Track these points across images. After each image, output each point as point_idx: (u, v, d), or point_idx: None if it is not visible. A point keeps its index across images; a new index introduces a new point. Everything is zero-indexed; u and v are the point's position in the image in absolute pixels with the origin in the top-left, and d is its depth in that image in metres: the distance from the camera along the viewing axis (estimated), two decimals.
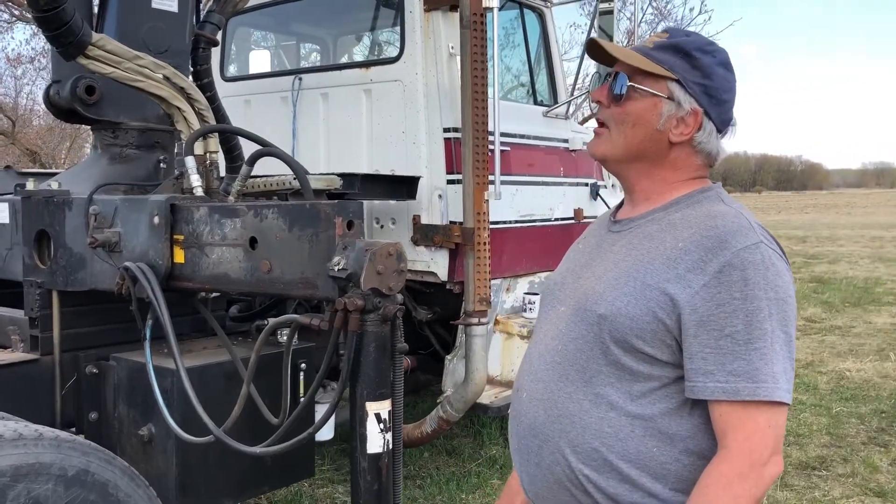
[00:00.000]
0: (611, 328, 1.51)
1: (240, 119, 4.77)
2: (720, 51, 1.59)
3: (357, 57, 5.49)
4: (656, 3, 15.26)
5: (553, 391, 1.60)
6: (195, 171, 2.82)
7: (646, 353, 1.49)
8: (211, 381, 2.71)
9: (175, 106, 2.97)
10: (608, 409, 1.52)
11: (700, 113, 1.55)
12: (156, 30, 3.16)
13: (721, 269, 1.43)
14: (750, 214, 1.54)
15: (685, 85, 1.54)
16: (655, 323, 1.47)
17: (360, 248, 2.12)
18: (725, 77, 1.57)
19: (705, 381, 1.43)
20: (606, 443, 1.52)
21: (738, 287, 1.41)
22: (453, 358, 4.18)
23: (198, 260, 2.55)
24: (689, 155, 1.59)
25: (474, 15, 3.75)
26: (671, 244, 1.51)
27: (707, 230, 1.48)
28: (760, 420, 1.40)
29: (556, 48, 5.02)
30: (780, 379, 1.40)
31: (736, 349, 1.40)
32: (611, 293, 1.53)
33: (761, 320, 1.41)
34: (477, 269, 3.88)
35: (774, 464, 1.42)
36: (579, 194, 5.09)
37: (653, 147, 1.58)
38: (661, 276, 1.48)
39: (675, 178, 1.60)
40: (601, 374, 1.53)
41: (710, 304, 1.43)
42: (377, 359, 2.14)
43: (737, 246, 1.44)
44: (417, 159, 4.18)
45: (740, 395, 1.40)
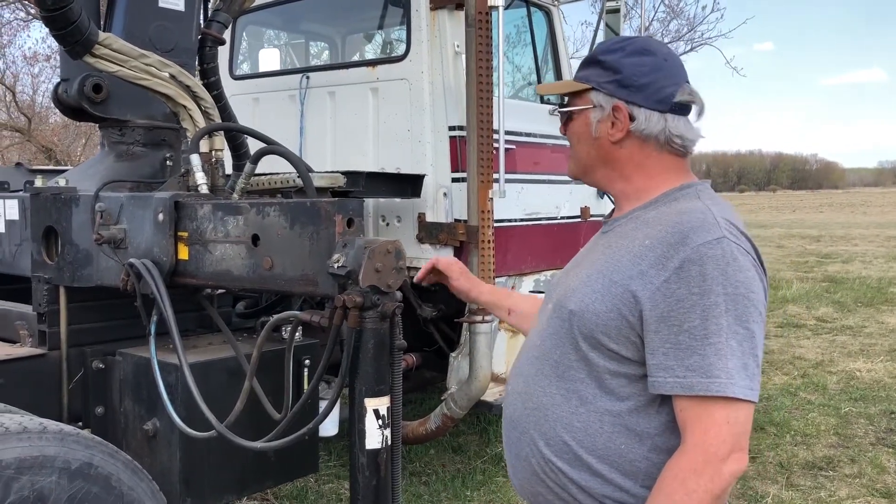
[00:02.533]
0: (579, 324, 1.56)
1: (248, 117, 4.81)
2: (631, 43, 1.65)
3: (365, 55, 5.51)
4: (668, 1, 15.20)
5: (530, 385, 1.66)
6: (200, 169, 2.85)
7: (612, 349, 1.52)
8: (215, 377, 2.73)
9: (181, 104, 3.00)
10: (578, 403, 1.56)
11: (622, 105, 1.60)
12: (162, 28, 3.19)
13: (681, 265, 1.44)
14: (723, 211, 1.54)
15: (599, 88, 1.62)
16: (620, 319, 1.50)
17: (360, 246, 2.14)
18: (639, 63, 1.60)
19: (665, 377, 1.45)
20: (576, 437, 1.56)
21: (696, 282, 1.43)
22: (457, 355, 4.20)
23: (201, 256, 2.58)
24: (640, 147, 1.62)
25: (479, 14, 3.76)
26: (639, 241, 1.54)
27: (671, 226, 1.50)
28: (717, 416, 1.41)
29: (563, 46, 5.02)
30: (735, 375, 1.40)
31: (693, 344, 1.42)
32: (582, 290, 1.58)
33: (717, 315, 1.41)
34: (481, 267, 3.89)
35: (735, 461, 1.41)
36: (586, 193, 5.09)
37: (600, 153, 1.65)
38: (626, 273, 1.51)
39: (644, 175, 1.63)
40: (572, 370, 1.58)
41: (670, 300, 1.44)
42: (376, 355, 2.16)
43: (697, 241, 1.45)
44: (423, 157, 4.20)
45: (694, 390, 1.42)
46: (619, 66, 1.61)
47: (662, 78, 1.60)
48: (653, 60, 1.61)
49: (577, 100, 1.67)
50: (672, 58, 1.65)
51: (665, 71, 1.61)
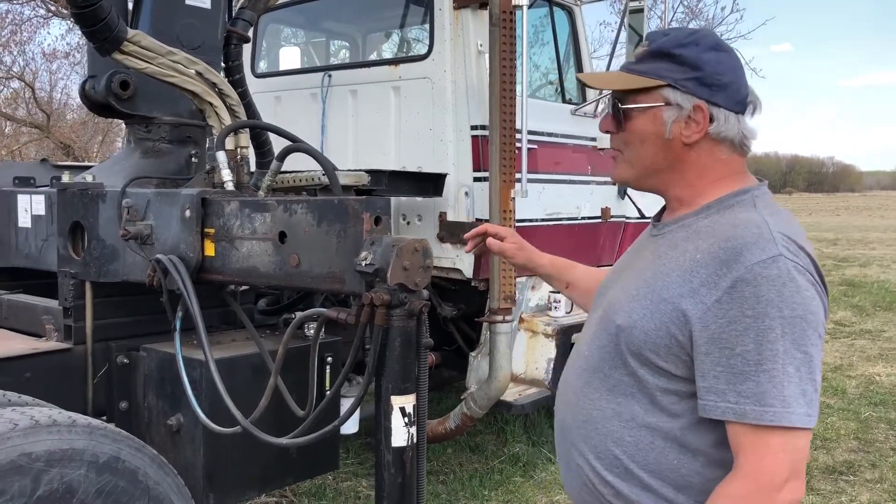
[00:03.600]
0: (627, 340, 1.51)
1: (270, 115, 4.82)
2: (704, 36, 1.54)
3: (386, 54, 5.52)
4: (687, 2, 15.14)
5: (579, 396, 1.62)
6: (226, 166, 2.86)
7: (661, 367, 1.48)
8: (239, 373, 2.74)
9: (207, 101, 3.02)
10: (630, 418, 1.52)
11: (704, 105, 1.50)
12: (189, 26, 3.20)
13: (733, 285, 1.38)
14: (781, 223, 1.47)
15: (677, 86, 1.50)
16: (669, 338, 1.45)
17: (387, 244, 2.14)
18: (717, 60, 1.51)
19: (716, 401, 1.40)
20: (627, 451, 1.52)
21: (751, 304, 1.36)
22: (477, 355, 4.20)
23: (228, 253, 2.59)
24: (712, 149, 1.53)
25: (503, 13, 3.75)
26: (690, 255, 1.47)
27: (724, 241, 1.43)
28: (773, 444, 1.36)
29: (585, 46, 5.01)
30: (793, 403, 1.35)
31: (746, 370, 1.36)
32: (629, 304, 1.53)
33: (772, 340, 1.35)
34: (502, 267, 3.88)
35: (790, 490, 1.36)
36: (607, 193, 5.08)
37: (668, 156, 1.55)
38: (676, 291, 1.45)
39: (706, 179, 1.55)
40: (622, 384, 1.54)
41: (722, 322, 1.38)
42: (403, 353, 2.16)
43: (751, 260, 1.38)
44: (445, 156, 4.20)
45: (747, 418, 1.37)
46: (699, 63, 1.50)
47: (741, 77, 1.53)
48: (729, 58, 1.52)
49: (641, 96, 1.54)
50: (736, 55, 1.56)
51: (741, 70, 1.54)
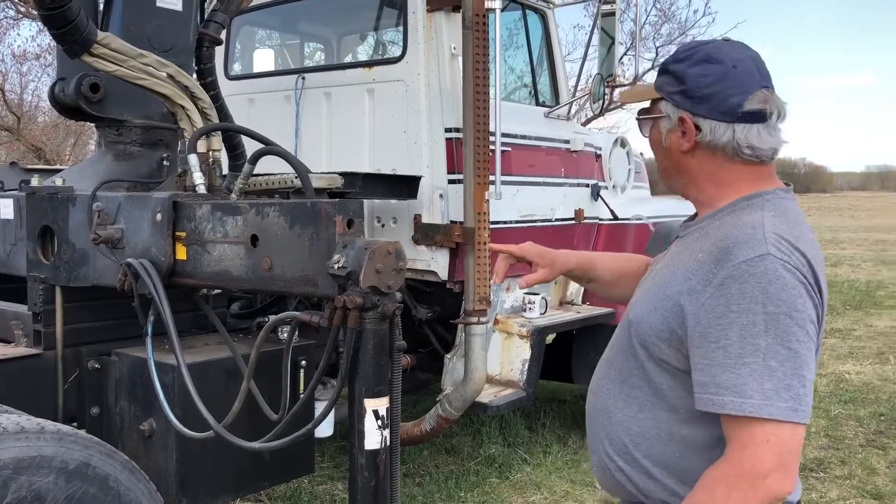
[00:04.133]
0: (637, 334, 1.61)
1: (243, 118, 4.79)
2: (697, 51, 1.60)
3: (360, 56, 5.51)
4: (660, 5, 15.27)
5: (600, 386, 1.74)
6: (198, 169, 2.84)
7: (666, 360, 1.56)
8: (212, 378, 2.73)
9: (179, 104, 3.00)
10: (637, 409, 1.61)
11: (688, 116, 1.58)
12: (160, 28, 3.18)
13: (722, 282, 1.45)
14: (780, 224, 1.51)
15: (668, 98, 1.61)
16: (670, 333, 1.53)
17: (360, 247, 2.14)
18: (702, 73, 1.57)
19: (701, 393, 1.46)
20: (634, 441, 1.61)
21: (736, 300, 1.42)
22: (453, 357, 4.20)
23: (200, 257, 2.58)
24: (711, 157, 1.59)
25: (476, 16, 3.76)
26: (694, 255, 1.55)
27: (721, 241, 1.50)
28: (757, 434, 1.40)
29: (558, 49, 5.04)
30: (773, 396, 1.39)
31: (727, 362, 1.42)
32: (641, 301, 1.65)
33: (755, 335, 1.40)
34: (477, 268, 3.89)
35: (776, 481, 1.39)
36: (580, 195, 5.11)
37: (673, 162, 1.66)
38: (677, 288, 1.53)
39: (717, 183, 1.61)
40: (633, 377, 1.63)
41: (711, 316, 1.45)
42: (375, 356, 2.16)
43: (740, 258, 1.45)
44: (419, 159, 4.20)
45: (726, 409, 1.42)
46: (684, 77, 1.59)
47: (728, 87, 1.55)
48: (719, 69, 1.56)
49: (654, 108, 1.68)
50: (743, 63, 1.57)
51: (732, 80, 1.56)
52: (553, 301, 5.04)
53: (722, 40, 1.65)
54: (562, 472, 4.83)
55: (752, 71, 1.57)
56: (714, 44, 1.63)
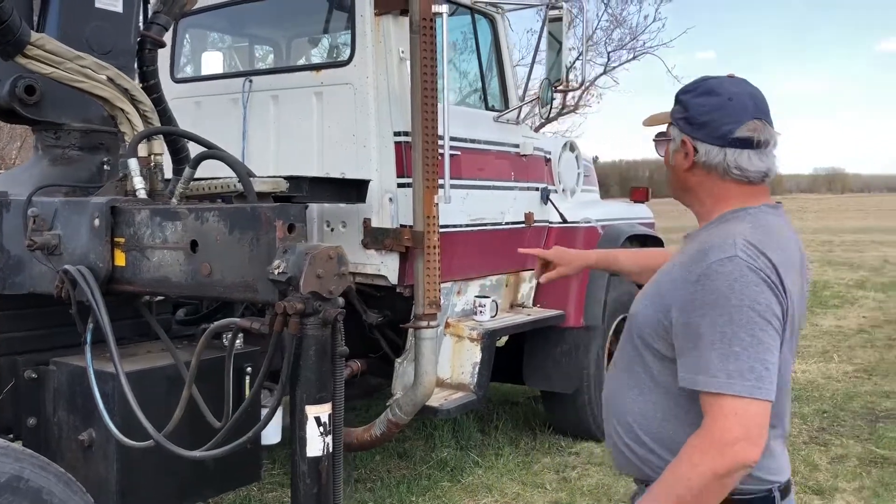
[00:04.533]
0: (635, 326, 1.89)
1: (190, 121, 4.71)
2: (702, 84, 1.88)
3: (310, 59, 5.47)
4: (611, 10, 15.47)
5: (612, 373, 2.01)
6: (138, 174, 2.80)
7: (657, 349, 1.82)
8: (154, 386, 2.68)
9: (118, 107, 2.95)
10: (638, 393, 1.87)
11: (688, 139, 1.85)
12: (100, 30, 3.12)
13: (698, 279, 1.71)
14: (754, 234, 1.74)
15: (675, 124, 1.90)
16: (659, 325, 1.80)
17: (300, 252, 2.13)
18: (702, 103, 1.84)
19: (684, 374, 1.72)
20: (636, 420, 1.86)
21: (708, 294, 1.68)
22: (403, 361, 4.19)
23: (139, 263, 2.54)
24: (708, 175, 1.86)
25: (423, 20, 3.76)
26: (683, 258, 1.82)
27: (702, 245, 1.77)
28: (726, 407, 1.64)
29: (507, 54, 5.06)
30: (736, 376, 1.63)
31: (701, 346, 1.68)
32: (642, 297, 1.92)
33: (722, 324, 1.65)
34: (427, 272, 3.89)
35: (742, 448, 1.62)
36: (530, 199, 5.14)
37: (676, 179, 1.93)
38: (668, 287, 1.80)
39: (713, 199, 1.87)
40: (634, 363, 1.89)
41: (689, 308, 1.71)
42: (317, 362, 2.15)
43: (712, 259, 1.70)
44: (368, 162, 4.19)
45: (698, 386, 1.69)
46: (687, 105, 1.87)
47: (723, 117, 1.81)
48: (717, 101, 1.83)
49: (668, 132, 1.94)
50: (740, 97, 1.83)
51: (726, 110, 1.82)
52: (504, 304, 5.06)
53: (726, 76, 1.90)
54: (513, 474, 4.85)
55: (747, 104, 1.83)
56: (718, 79, 1.89)
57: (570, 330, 5.16)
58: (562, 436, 5.48)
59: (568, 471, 4.91)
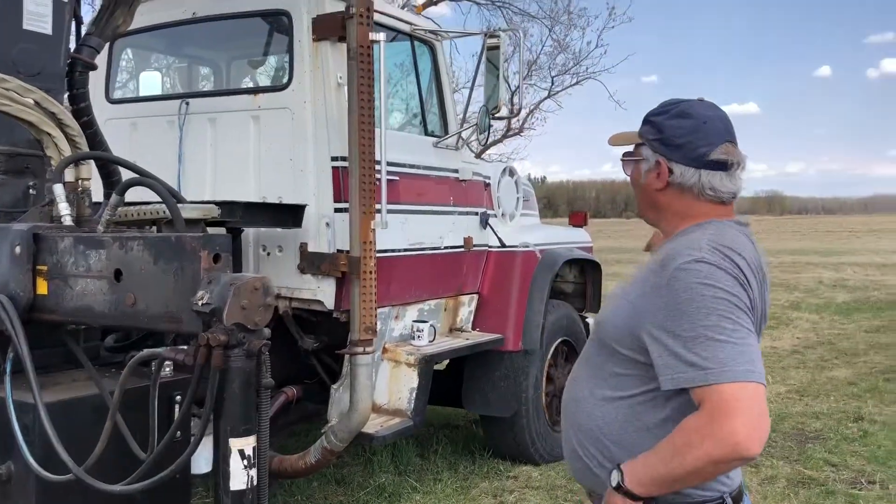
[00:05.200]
0: (602, 333, 1.94)
1: (125, 143, 4.66)
2: (675, 106, 1.94)
3: (248, 83, 5.44)
4: (555, 36, 15.73)
5: (574, 380, 2.04)
6: (64, 199, 2.74)
7: (624, 354, 1.85)
8: (78, 416, 2.61)
9: (45, 132, 2.90)
10: (600, 398, 1.90)
11: (663, 160, 1.91)
12: (27, 52, 3.06)
13: (668, 282, 1.75)
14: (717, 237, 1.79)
15: (648, 144, 1.94)
16: (628, 331, 1.83)
17: (225, 283, 2.11)
18: (678, 125, 1.90)
19: (671, 375, 1.72)
20: (597, 425, 1.89)
21: (680, 294, 1.72)
22: (339, 387, 4.17)
23: (61, 292, 2.48)
24: (678, 195, 1.92)
25: (361, 47, 3.79)
26: (648, 266, 1.87)
27: (666, 253, 1.82)
28: (724, 395, 1.64)
29: (446, 80, 5.11)
30: (729, 363, 1.65)
31: (686, 345, 1.69)
32: (607, 305, 1.98)
33: (701, 318, 1.68)
34: (363, 298, 3.89)
35: (745, 437, 1.61)
36: (469, 223, 5.18)
37: (649, 198, 1.98)
38: (635, 293, 1.85)
39: (681, 217, 1.93)
40: (600, 370, 1.92)
41: (663, 311, 1.74)
42: (241, 394, 2.12)
43: (679, 262, 1.75)
44: (305, 187, 4.18)
45: (694, 383, 1.69)
46: (662, 127, 1.92)
47: (698, 139, 1.88)
48: (691, 123, 1.89)
49: (637, 152, 1.99)
50: (713, 121, 1.90)
51: (701, 133, 1.88)
52: (443, 328, 5.08)
53: (696, 100, 1.95)
54: (451, 499, 4.84)
55: (719, 127, 1.90)
56: (689, 102, 1.95)
57: (508, 354, 5.19)
58: (500, 459, 5.50)
59: (506, 495, 4.92)
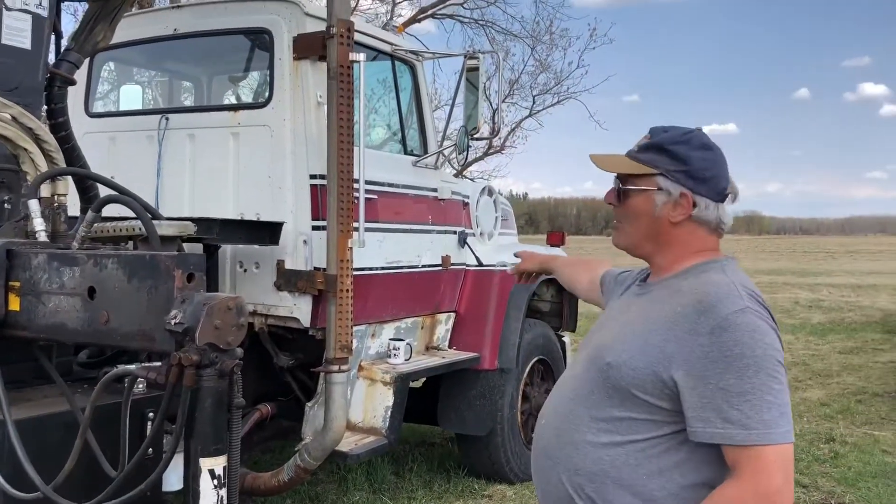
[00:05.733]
0: (616, 376, 1.80)
1: (104, 157, 4.65)
2: (695, 136, 1.87)
3: (227, 99, 5.46)
4: (537, 56, 15.87)
5: (565, 422, 1.90)
6: (39, 215, 2.75)
7: (643, 399, 1.76)
8: (49, 433, 2.60)
9: (22, 147, 2.90)
10: (608, 441, 1.80)
11: (689, 194, 1.83)
12: (5, 67, 3.07)
13: (712, 331, 1.68)
14: (746, 283, 1.79)
15: (668, 175, 1.83)
16: (653, 376, 1.74)
17: (198, 302, 2.12)
18: (704, 157, 1.84)
19: (704, 427, 1.68)
20: (604, 468, 1.80)
21: (729, 346, 1.66)
22: (314, 405, 4.16)
23: (34, 308, 2.48)
24: (694, 229, 1.86)
25: (341, 67, 3.82)
26: (672, 308, 1.77)
27: (703, 296, 1.74)
28: (766, 457, 1.64)
29: (426, 100, 5.15)
30: (772, 425, 1.64)
31: (730, 400, 1.65)
32: (619, 347, 1.83)
33: (750, 376, 1.65)
34: (339, 316, 3.89)
35: (784, 493, 1.63)
36: (447, 242, 5.20)
37: (657, 230, 1.87)
38: (661, 337, 1.75)
39: (686, 251, 1.87)
40: (605, 412, 1.82)
41: (705, 361, 1.67)
42: (212, 414, 2.13)
43: (725, 311, 1.69)
44: (283, 204, 4.19)
45: (735, 441, 1.65)
46: (688, 158, 1.83)
47: (721, 172, 1.86)
48: (713, 156, 1.86)
49: (639, 180, 1.87)
50: (721, 152, 1.88)
51: (722, 166, 1.87)
52: (419, 346, 5.09)
53: (699, 129, 1.91)
54: None
55: (725, 160, 1.89)
56: (700, 132, 1.90)
57: (484, 372, 5.21)
58: (475, 478, 5.50)
59: None
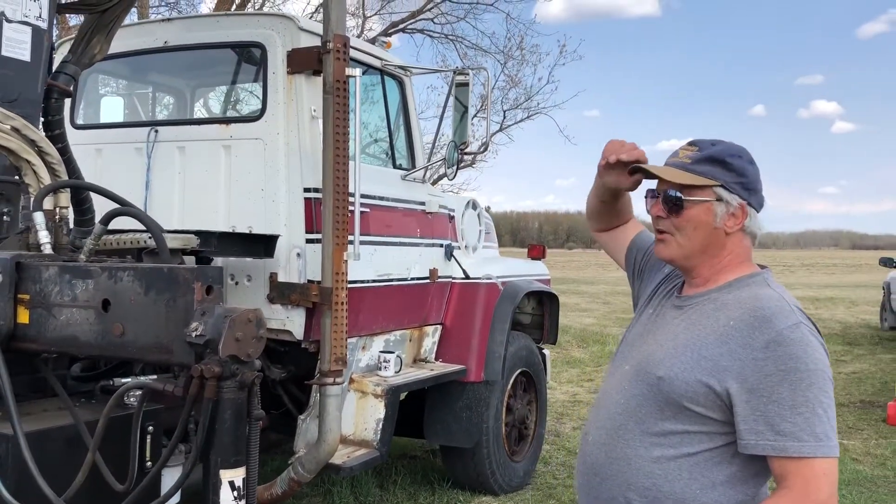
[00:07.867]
0: (668, 389, 1.85)
1: (90, 169, 4.61)
2: (745, 151, 1.96)
3: (216, 111, 5.45)
4: (507, 71, 16.03)
5: (613, 437, 1.94)
6: (44, 228, 2.73)
7: (695, 412, 1.82)
8: (51, 447, 2.58)
9: (24, 158, 2.89)
10: (660, 454, 1.86)
11: (745, 205, 1.91)
12: (5, 78, 3.06)
13: (766, 345, 1.75)
14: (790, 297, 1.87)
15: (728, 187, 1.90)
16: (706, 388, 1.80)
17: (220, 315, 2.14)
18: (754, 171, 1.94)
19: (756, 440, 1.75)
20: (657, 483, 1.85)
21: (783, 360, 1.73)
22: (306, 418, 4.16)
23: (44, 321, 2.47)
24: (741, 239, 1.94)
25: (337, 82, 3.85)
26: (724, 322, 1.84)
27: (754, 311, 1.81)
28: (816, 469, 1.71)
29: (414, 114, 5.20)
30: (823, 438, 1.71)
31: (783, 413, 1.72)
32: (669, 360, 1.88)
33: (804, 389, 1.72)
34: (334, 328, 3.91)
35: (831, 497, 1.71)
36: (435, 255, 5.25)
37: (713, 240, 1.93)
38: (714, 351, 1.81)
39: (729, 262, 1.94)
40: (656, 426, 1.87)
41: (759, 375, 1.74)
42: (233, 426, 2.15)
43: (779, 326, 1.76)
44: (276, 217, 4.19)
45: (787, 453, 1.72)
46: (745, 172, 1.91)
47: (761, 185, 1.96)
48: (757, 170, 1.96)
49: (698, 192, 1.91)
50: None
51: (760, 179, 1.96)
52: (407, 359, 5.12)
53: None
54: None
55: None
56: (740, 146, 1.96)
57: (470, 385, 5.25)
58: (460, 490, 5.52)
59: None
